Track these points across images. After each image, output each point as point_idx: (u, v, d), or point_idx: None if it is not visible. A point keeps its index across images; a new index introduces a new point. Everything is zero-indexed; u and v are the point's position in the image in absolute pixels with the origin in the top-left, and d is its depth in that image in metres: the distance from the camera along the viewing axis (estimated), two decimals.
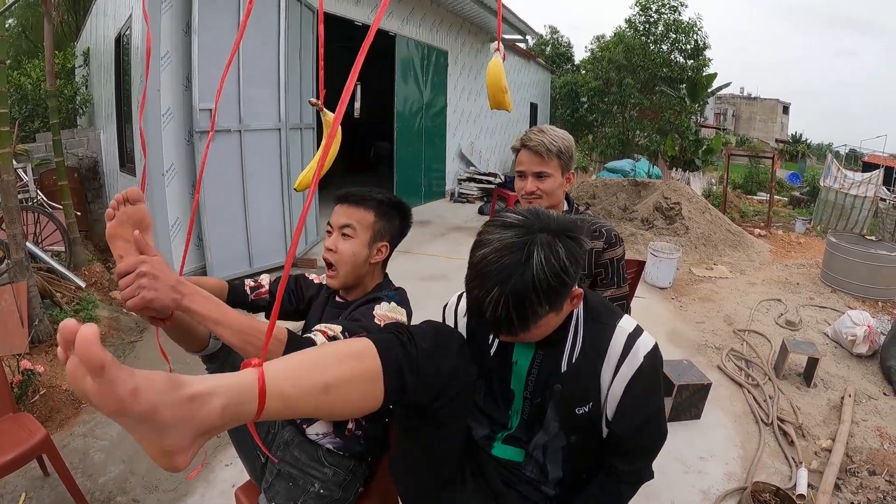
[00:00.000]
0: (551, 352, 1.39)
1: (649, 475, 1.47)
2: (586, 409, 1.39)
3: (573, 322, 1.40)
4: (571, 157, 2.10)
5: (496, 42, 1.89)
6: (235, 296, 1.82)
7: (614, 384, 1.36)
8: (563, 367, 1.38)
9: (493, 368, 1.44)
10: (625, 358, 1.35)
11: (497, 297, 1.14)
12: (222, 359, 1.72)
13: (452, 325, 1.57)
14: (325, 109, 1.60)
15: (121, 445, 3.02)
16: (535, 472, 1.50)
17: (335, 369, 1.04)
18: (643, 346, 1.36)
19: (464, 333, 1.48)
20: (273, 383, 0.92)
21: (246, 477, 2.01)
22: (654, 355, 1.36)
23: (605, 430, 1.43)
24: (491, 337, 1.46)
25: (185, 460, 0.78)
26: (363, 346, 1.12)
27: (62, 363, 0.67)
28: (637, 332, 1.38)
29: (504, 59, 1.79)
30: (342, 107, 0.90)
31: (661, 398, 1.44)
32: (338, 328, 1.48)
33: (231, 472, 2.84)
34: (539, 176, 2.05)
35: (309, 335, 1.42)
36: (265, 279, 1.95)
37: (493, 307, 1.15)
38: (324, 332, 1.44)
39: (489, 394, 1.48)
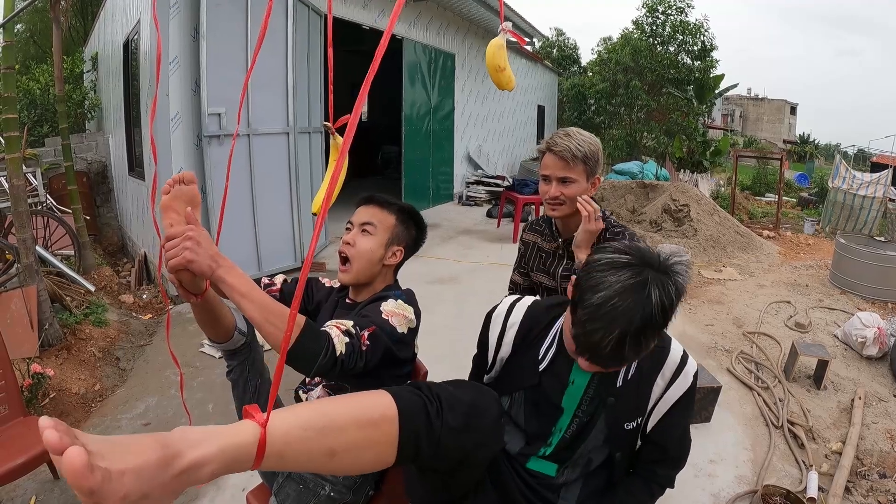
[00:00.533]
0: (611, 372, 1.42)
1: (673, 482, 1.59)
2: (634, 425, 1.46)
3: None
4: (598, 162, 2.08)
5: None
6: None
7: (663, 401, 1.45)
8: (619, 383, 1.43)
9: (539, 384, 1.46)
10: (676, 377, 1.45)
11: (619, 337, 1.15)
12: (244, 356, 1.75)
13: (499, 332, 1.57)
14: (335, 133, 1.62)
15: None
16: (561, 482, 1.53)
17: (348, 436, 1.03)
18: (692, 367, 1.48)
19: (511, 343, 1.53)
20: (274, 445, 0.92)
21: (256, 481, 2.01)
22: (697, 376, 1.50)
23: (638, 443, 1.52)
24: (542, 353, 1.47)
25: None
26: (384, 409, 1.09)
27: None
28: (686, 355, 1.49)
29: (507, 33, 1.74)
30: (350, 132, 0.88)
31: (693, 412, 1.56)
32: (349, 322, 1.50)
33: (241, 476, 2.83)
34: (563, 181, 2.04)
35: (325, 329, 1.44)
36: (279, 279, 1.96)
37: (613, 346, 1.16)
38: (337, 326, 1.47)
39: (531, 408, 1.49)
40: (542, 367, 1.47)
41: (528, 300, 1.60)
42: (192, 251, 1.25)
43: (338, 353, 1.39)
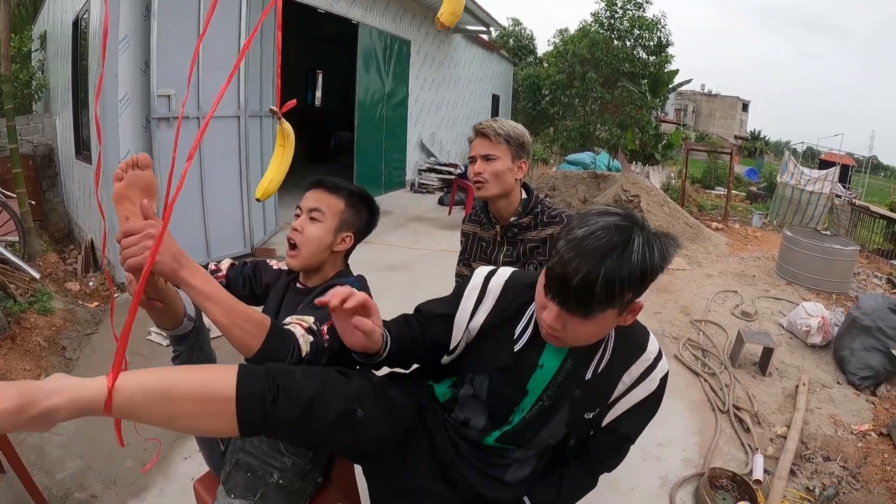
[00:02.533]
0: (581, 359, 1.41)
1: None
2: (594, 415, 1.45)
3: (606, 335, 1.42)
4: (522, 146, 2.13)
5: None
6: None
7: (626, 399, 1.44)
8: (588, 375, 1.41)
9: (509, 367, 1.43)
10: (643, 379, 1.43)
11: (592, 269, 1.12)
12: (191, 341, 1.69)
13: (472, 307, 1.49)
14: (282, 118, 1.58)
15: (78, 441, 2.96)
16: (514, 458, 1.54)
17: (186, 407, 1.10)
18: (660, 371, 1.45)
19: (484, 318, 1.47)
20: (118, 403, 1.03)
21: (204, 469, 1.98)
22: (666, 380, 1.47)
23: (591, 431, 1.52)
24: (517, 334, 1.44)
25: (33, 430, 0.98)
26: (223, 389, 1.14)
27: None
28: (659, 357, 1.46)
29: None
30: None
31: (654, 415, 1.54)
32: (310, 318, 1.49)
33: (190, 465, 2.80)
34: (486, 158, 2.09)
35: (289, 327, 1.42)
36: (225, 264, 1.92)
37: (582, 278, 1.13)
38: (300, 324, 1.45)
39: (495, 387, 1.46)
40: (517, 347, 1.42)
41: (507, 272, 1.52)
42: (156, 250, 1.17)
43: (303, 354, 1.38)
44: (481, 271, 1.53)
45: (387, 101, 10.39)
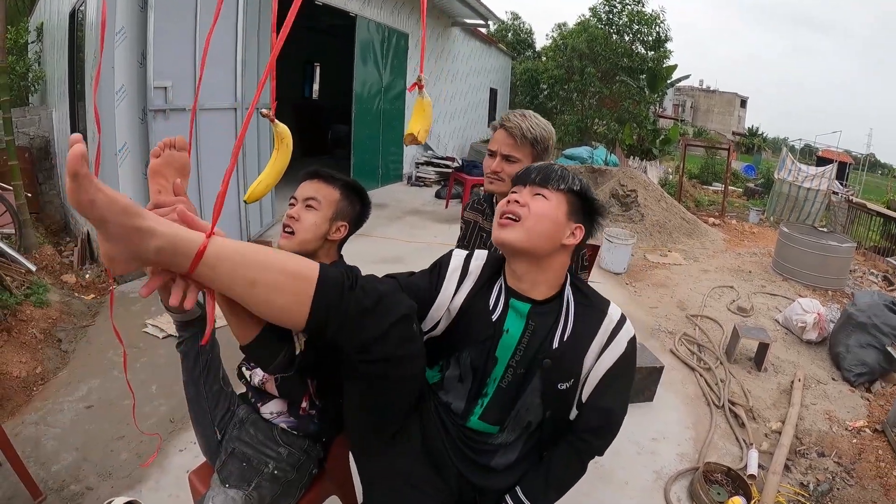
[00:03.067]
0: (543, 324, 1.44)
1: (604, 451, 1.56)
2: (567, 386, 1.45)
3: (565, 301, 1.47)
4: (546, 149, 2.07)
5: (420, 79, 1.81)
6: None
7: (597, 366, 1.45)
8: (555, 344, 1.43)
9: (493, 335, 1.45)
10: (610, 343, 1.45)
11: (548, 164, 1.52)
12: (197, 328, 1.73)
13: (460, 274, 1.54)
14: (276, 121, 1.58)
15: (73, 433, 2.96)
16: (499, 441, 1.54)
17: (270, 275, 1.12)
18: (626, 334, 1.47)
19: (464, 296, 1.51)
20: (211, 255, 1.04)
21: (199, 461, 1.99)
22: (634, 342, 1.48)
23: (573, 412, 1.51)
24: (492, 303, 1.47)
25: (120, 269, 0.99)
26: (308, 271, 1.17)
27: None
28: (623, 320, 1.48)
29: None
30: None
31: (633, 382, 1.56)
32: None
33: (185, 457, 2.80)
34: (507, 158, 2.04)
35: None
36: None
37: (544, 165, 1.50)
38: None
39: (473, 360, 1.48)
40: (494, 317, 1.46)
41: (483, 254, 1.58)
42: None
43: (297, 352, 1.41)
44: (459, 254, 1.58)
45: (384, 94, 10.33)
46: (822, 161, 17.27)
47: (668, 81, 16.26)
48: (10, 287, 4.11)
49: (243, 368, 1.84)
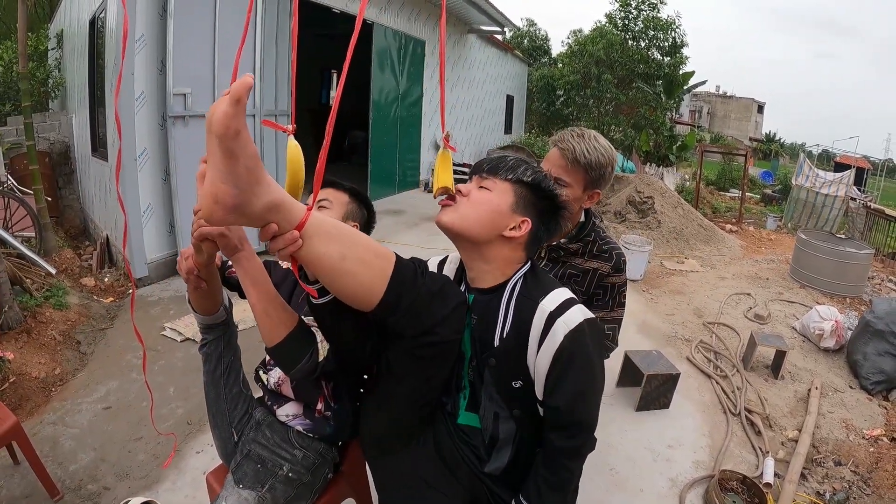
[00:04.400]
0: (484, 317, 1.44)
1: (590, 447, 1.46)
2: (521, 384, 1.41)
3: (506, 293, 1.44)
4: (603, 176, 1.92)
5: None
6: None
7: (538, 362, 1.37)
8: (496, 342, 1.41)
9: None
10: (545, 337, 1.36)
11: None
12: (220, 331, 1.76)
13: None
14: (291, 138, 1.61)
15: (91, 433, 3.00)
16: (488, 440, 1.53)
17: (358, 251, 1.18)
18: (563, 324, 1.34)
19: None
20: (311, 225, 1.09)
21: (216, 463, 2.00)
22: (576, 333, 1.34)
23: (540, 410, 1.44)
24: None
25: (218, 216, 0.98)
26: (387, 252, 1.25)
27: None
28: (559, 311, 1.36)
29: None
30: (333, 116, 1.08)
31: (591, 376, 1.40)
32: None
33: (202, 459, 2.83)
34: (557, 182, 1.82)
35: (313, 329, 1.50)
36: None
37: (496, 157, 1.52)
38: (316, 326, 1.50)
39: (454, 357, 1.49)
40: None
41: (456, 257, 1.62)
42: (228, 227, 1.33)
43: (320, 359, 1.45)
44: (433, 260, 1.64)
45: (401, 100, 10.36)
46: (840, 167, 17.12)
47: (685, 87, 16.15)
48: (31, 289, 4.17)
49: (260, 372, 1.85)
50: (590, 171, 1.88)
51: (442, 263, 1.65)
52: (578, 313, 1.36)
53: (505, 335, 1.41)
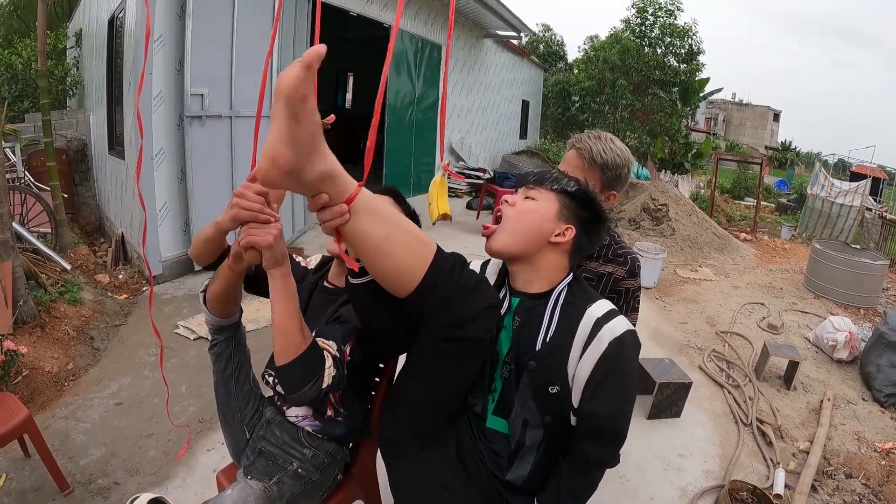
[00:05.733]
0: (528, 321, 1.46)
1: (616, 461, 1.48)
2: (557, 389, 1.42)
3: (552, 300, 1.46)
4: (619, 177, 1.96)
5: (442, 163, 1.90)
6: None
7: (580, 368, 1.39)
8: (538, 346, 1.43)
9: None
10: (590, 343, 1.38)
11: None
12: (230, 332, 1.77)
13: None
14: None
15: (103, 429, 3.01)
16: (514, 447, 1.52)
17: (401, 235, 1.19)
18: (609, 332, 1.38)
19: None
20: (360, 202, 1.11)
21: (227, 461, 2.01)
22: (621, 343, 1.37)
23: (573, 419, 1.45)
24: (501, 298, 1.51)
25: (274, 176, 1.01)
26: (429, 241, 1.26)
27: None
28: (606, 318, 1.40)
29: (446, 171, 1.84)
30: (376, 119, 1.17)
31: (630, 387, 1.43)
32: (333, 345, 1.54)
33: (213, 457, 2.84)
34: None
35: (323, 350, 1.49)
36: None
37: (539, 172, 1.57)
38: (328, 350, 1.51)
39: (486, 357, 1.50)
40: (503, 310, 1.49)
41: (497, 262, 1.65)
42: (276, 240, 1.34)
43: (324, 385, 1.44)
44: (475, 263, 1.65)
45: (417, 104, 10.39)
46: (856, 176, 16.98)
47: (701, 94, 16.12)
48: (45, 284, 4.21)
49: (266, 375, 1.86)
50: (606, 172, 1.92)
51: (484, 266, 1.68)
52: (623, 323, 1.41)
53: (549, 339, 1.43)
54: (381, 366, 1.91)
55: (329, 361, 1.47)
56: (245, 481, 1.65)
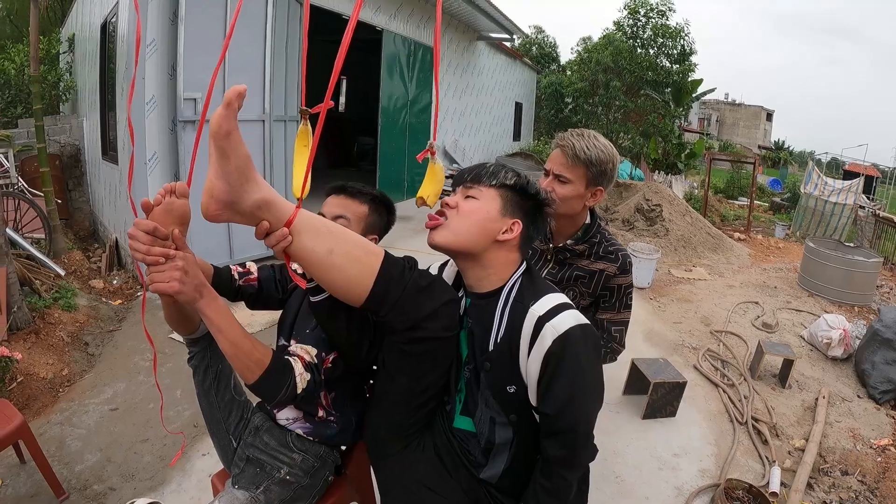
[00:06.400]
0: (480, 321, 1.46)
1: (585, 459, 1.45)
2: (515, 388, 1.40)
3: (502, 298, 1.44)
4: (604, 173, 1.94)
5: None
6: (220, 280, 1.76)
7: (529, 367, 1.36)
8: (490, 347, 1.42)
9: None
10: (534, 342, 1.35)
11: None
12: (205, 343, 1.74)
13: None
14: (307, 119, 1.61)
15: (98, 434, 3.01)
16: (484, 445, 1.52)
17: (346, 246, 1.25)
18: (552, 329, 1.32)
19: None
20: (299, 222, 1.18)
21: (220, 467, 2.01)
22: (566, 339, 1.32)
23: (536, 416, 1.42)
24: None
25: (213, 210, 1.11)
26: (375, 249, 1.31)
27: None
28: (549, 315, 1.35)
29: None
30: (325, 107, 1.27)
31: (581, 384, 1.36)
32: (314, 351, 1.56)
33: (208, 461, 2.84)
34: (559, 178, 1.94)
35: (288, 358, 1.50)
36: (252, 266, 1.93)
37: (476, 165, 1.51)
38: (301, 358, 1.52)
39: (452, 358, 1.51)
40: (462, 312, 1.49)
41: (453, 264, 1.61)
42: (181, 282, 1.28)
43: (298, 391, 1.46)
44: (435, 265, 1.71)
45: (410, 107, 10.40)
46: (849, 175, 17.03)
47: (694, 95, 16.15)
48: (39, 290, 4.20)
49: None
50: (590, 168, 1.91)
51: (442, 268, 1.68)
52: (569, 318, 1.35)
53: (499, 340, 1.41)
54: (375, 368, 1.91)
55: (299, 368, 1.49)
56: (232, 491, 1.65)
